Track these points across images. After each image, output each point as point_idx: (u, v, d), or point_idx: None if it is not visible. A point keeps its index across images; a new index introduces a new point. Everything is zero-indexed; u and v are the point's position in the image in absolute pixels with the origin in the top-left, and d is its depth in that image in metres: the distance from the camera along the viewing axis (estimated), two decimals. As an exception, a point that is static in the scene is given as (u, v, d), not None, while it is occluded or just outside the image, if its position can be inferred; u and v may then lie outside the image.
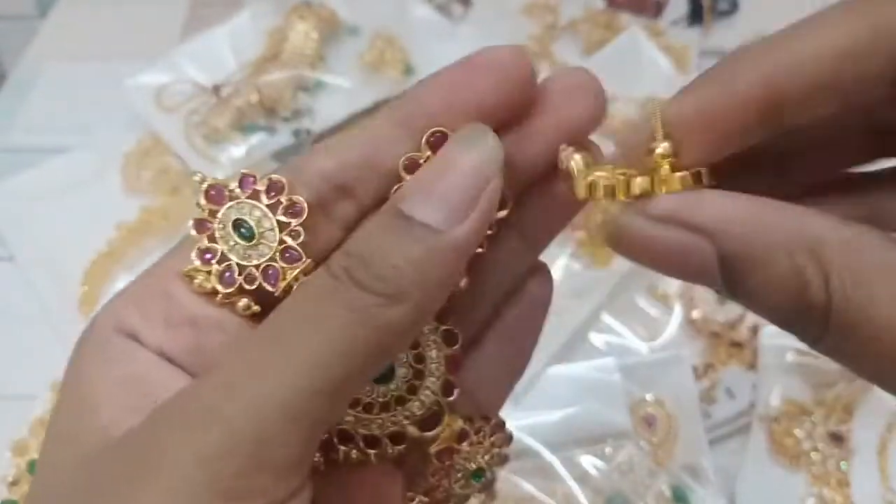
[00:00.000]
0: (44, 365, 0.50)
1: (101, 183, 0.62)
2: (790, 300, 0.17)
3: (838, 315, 0.17)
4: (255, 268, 0.20)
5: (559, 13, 0.74)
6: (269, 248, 0.20)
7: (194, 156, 0.62)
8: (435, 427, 0.22)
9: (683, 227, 0.18)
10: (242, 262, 0.20)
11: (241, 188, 0.21)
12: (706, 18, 0.73)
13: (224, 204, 0.20)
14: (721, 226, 0.17)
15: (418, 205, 0.18)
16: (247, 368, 0.17)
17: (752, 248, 0.17)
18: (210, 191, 0.21)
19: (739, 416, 0.50)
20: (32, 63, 0.73)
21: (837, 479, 0.47)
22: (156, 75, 0.67)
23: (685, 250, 0.18)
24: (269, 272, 0.20)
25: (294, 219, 0.20)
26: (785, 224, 0.17)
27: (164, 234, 0.59)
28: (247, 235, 0.20)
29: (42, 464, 0.19)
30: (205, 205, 0.20)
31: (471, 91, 0.20)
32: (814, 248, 0.17)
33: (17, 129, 0.67)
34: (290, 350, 0.17)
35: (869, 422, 0.49)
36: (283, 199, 0.20)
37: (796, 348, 0.51)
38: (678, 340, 0.53)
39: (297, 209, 0.20)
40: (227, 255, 0.20)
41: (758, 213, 0.17)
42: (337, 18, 0.71)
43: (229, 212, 0.20)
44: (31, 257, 0.58)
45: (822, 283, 0.17)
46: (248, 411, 0.17)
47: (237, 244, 0.20)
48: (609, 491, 0.45)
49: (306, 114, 0.65)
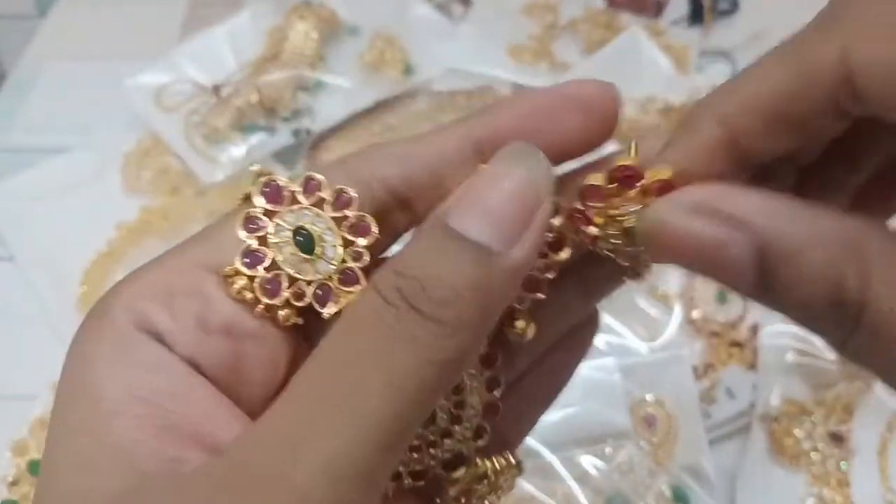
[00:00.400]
0: (44, 365, 0.50)
1: (101, 183, 0.62)
2: (824, 296, 0.16)
3: (872, 315, 0.16)
4: (308, 283, 0.18)
5: (559, 13, 0.74)
6: (329, 266, 0.18)
7: (194, 156, 0.62)
8: (459, 468, 0.21)
9: (719, 219, 0.17)
10: (295, 274, 0.18)
11: (304, 193, 0.18)
12: (706, 18, 0.73)
13: (282, 205, 0.18)
14: (759, 218, 0.17)
15: (467, 220, 0.16)
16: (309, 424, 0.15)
17: (792, 239, 0.17)
18: (267, 186, 0.18)
19: (739, 416, 0.50)
20: (32, 63, 0.73)
21: (837, 479, 0.47)
22: (156, 75, 0.67)
23: (720, 243, 0.17)
24: (322, 292, 0.18)
25: (360, 238, 0.18)
26: (824, 219, 0.17)
27: (164, 234, 0.59)
28: (305, 247, 0.18)
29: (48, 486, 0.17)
30: (261, 203, 0.18)
31: (554, 122, 0.19)
32: (855, 244, 0.16)
33: (17, 129, 0.67)
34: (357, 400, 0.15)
35: (869, 422, 0.49)
36: (351, 214, 0.18)
37: (796, 348, 0.51)
38: (678, 340, 0.52)
39: (364, 227, 0.18)
40: (277, 264, 0.18)
41: (797, 207, 0.17)
42: (337, 18, 0.71)
43: (290, 216, 0.18)
44: (31, 257, 0.58)
45: (859, 281, 0.16)
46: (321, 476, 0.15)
47: (294, 254, 0.18)
48: (609, 491, 0.45)
49: (306, 114, 0.65)
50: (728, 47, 0.72)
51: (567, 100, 0.19)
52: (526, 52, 0.71)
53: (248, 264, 0.18)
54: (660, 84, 0.65)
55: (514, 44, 0.72)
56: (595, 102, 0.19)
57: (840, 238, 0.16)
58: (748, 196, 0.17)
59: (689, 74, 0.68)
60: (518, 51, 0.71)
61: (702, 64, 0.71)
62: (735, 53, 0.71)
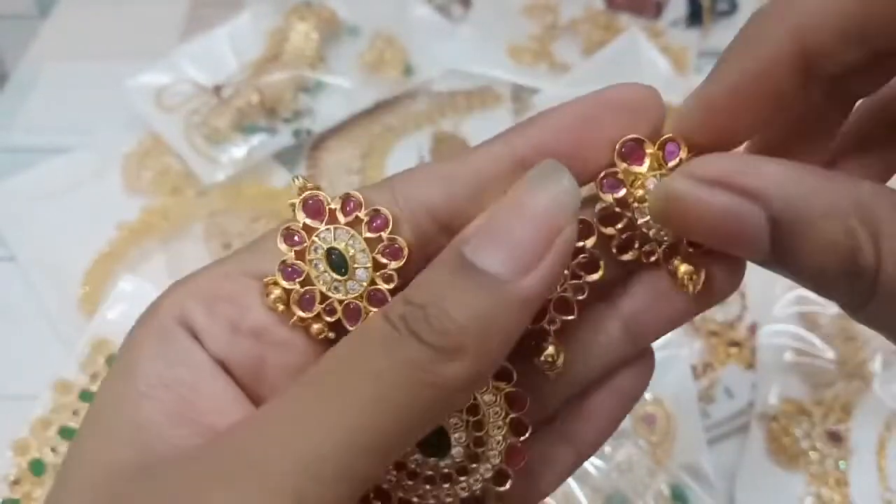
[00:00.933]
0: (44, 365, 0.51)
1: (102, 183, 0.62)
2: (840, 263, 0.17)
3: (887, 280, 0.16)
4: (339, 302, 0.19)
5: (559, 14, 0.74)
6: (359, 286, 0.19)
7: (195, 156, 0.62)
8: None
9: (734, 191, 0.17)
10: (327, 292, 0.19)
11: (342, 211, 0.19)
12: (705, 19, 0.73)
13: (322, 221, 0.19)
14: (773, 188, 0.17)
15: (482, 250, 0.17)
16: (294, 419, 0.17)
17: (805, 210, 0.17)
18: (309, 200, 0.19)
19: (738, 415, 0.50)
20: (33, 63, 0.73)
21: (836, 479, 0.47)
22: (156, 76, 0.67)
23: (737, 215, 0.17)
24: (351, 310, 0.19)
25: (392, 261, 0.19)
26: (837, 187, 0.17)
27: (164, 234, 0.59)
28: (339, 267, 0.19)
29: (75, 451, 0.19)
30: (302, 217, 0.19)
31: (602, 130, 0.19)
32: (865, 211, 0.16)
33: (17, 129, 0.68)
34: (342, 403, 0.16)
35: (867, 421, 0.49)
36: (385, 236, 0.19)
37: (795, 348, 0.51)
38: (677, 340, 0.53)
39: (396, 250, 0.19)
40: (312, 280, 0.19)
41: (809, 176, 0.17)
42: (337, 19, 0.71)
43: (326, 234, 0.19)
44: (31, 257, 0.58)
45: (873, 247, 0.16)
46: (291, 466, 0.16)
47: (326, 272, 0.19)
48: (608, 490, 0.45)
49: (307, 114, 0.65)
50: (727, 48, 0.72)
51: (610, 105, 0.19)
52: (526, 53, 0.71)
53: (286, 277, 0.19)
54: (659, 85, 0.64)
55: (513, 44, 0.72)
56: (639, 104, 0.19)
57: (852, 206, 0.17)
58: (761, 166, 0.17)
59: (688, 75, 0.68)
60: (518, 51, 0.71)
61: (701, 65, 0.71)
62: (734, 54, 0.71)
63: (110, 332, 0.51)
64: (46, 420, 0.48)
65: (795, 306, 0.53)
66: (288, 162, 0.64)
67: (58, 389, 0.49)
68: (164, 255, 0.58)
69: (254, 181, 0.62)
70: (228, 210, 0.60)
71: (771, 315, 0.52)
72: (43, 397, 0.49)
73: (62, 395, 0.49)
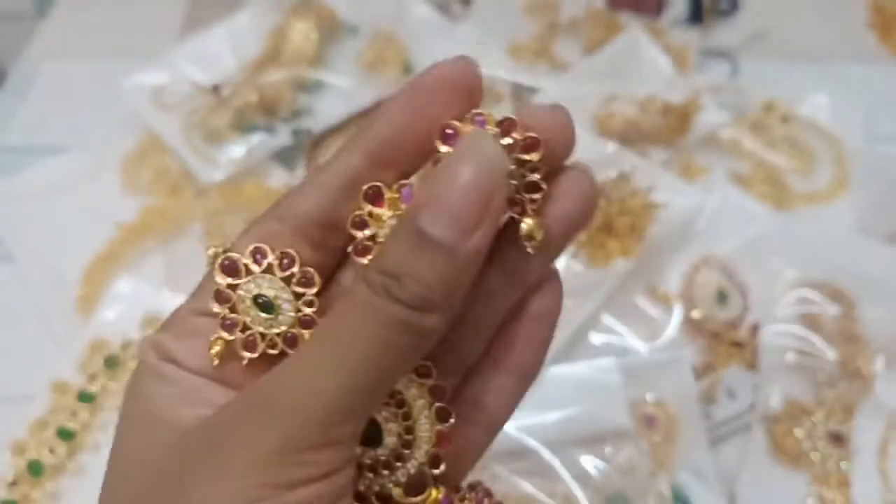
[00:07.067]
0: (43, 365, 0.51)
1: (100, 183, 0.62)
2: None
3: None
4: (277, 335, 0.23)
5: (559, 12, 0.74)
6: (288, 319, 0.23)
7: (193, 156, 0.62)
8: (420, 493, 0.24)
9: None
10: (266, 331, 0.23)
11: (255, 263, 0.23)
12: (706, 18, 0.73)
13: (240, 277, 0.23)
14: None
15: (432, 221, 0.20)
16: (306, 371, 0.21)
17: None
18: (225, 263, 0.23)
19: (740, 416, 0.50)
20: (31, 63, 0.73)
21: (838, 480, 0.47)
22: (155, 75, 0.67)
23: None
24: (289, 338, 0.23)
25: (307, 289, 0.23)
26: None
27: (163, 234, 0.58)
28: (266, 308, 0.23)
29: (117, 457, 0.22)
30: (222, 279, 0.22)
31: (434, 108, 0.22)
32: None
33: (15, 129, 0.67)
34: (344, 354, 0.20)
35: (869, 422, 0.49)
36: (297, 271, 0.22)
37: (796, 348, 0.51)
38: (678, 340, 0.52)
39: (308, 279, 0.23)
40: (249, 325, 0.23)
41: None
42: (336, 18, 0.71)
43: (248, 286, 0.23)
44: (29, 258, 0.57)
45: None
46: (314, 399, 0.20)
47: (258, 315, 0.23)
48: (609, 491, 0.45)
49: (306, 114, 0.65)
50: (728, 47, 0.72)
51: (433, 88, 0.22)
52: (526, 52, 0.71)
53: (226, 329, 0.22)
54: (659, 84, 0.65)
55: (514, 43, 0.72)
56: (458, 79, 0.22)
57: None
58: None
59: (689, 74, 0.68)
60: (518, 50, 0.71)
61: (701, 64, 0.71)
62: (735, 53, 0.71)
63: (108, 332, 0.51)
64: (44, 421, 0.48)
65: (797, 307, 0.53)
66: (287, 161, 0.64)
67: (55, 390, 0.49)
68: (162, 256, 0.58)
69: (253, 181, 0.62)
70: (227, 210, 0.60)
71: (773, 316, 0.52)
72: (40, 398, 0.49)
73: (60, 395, 0.49)
